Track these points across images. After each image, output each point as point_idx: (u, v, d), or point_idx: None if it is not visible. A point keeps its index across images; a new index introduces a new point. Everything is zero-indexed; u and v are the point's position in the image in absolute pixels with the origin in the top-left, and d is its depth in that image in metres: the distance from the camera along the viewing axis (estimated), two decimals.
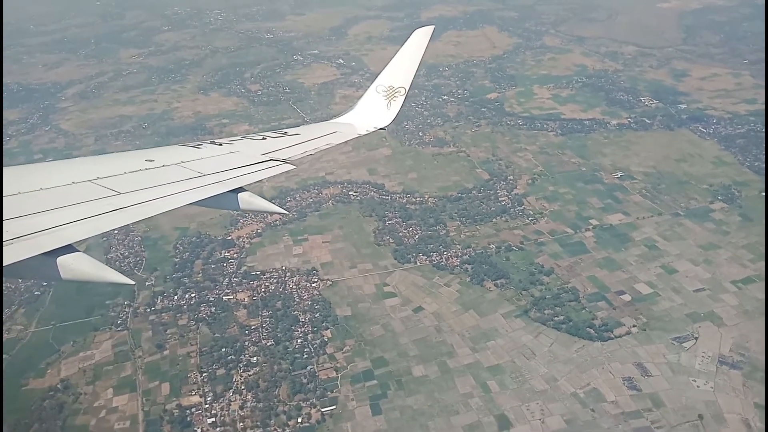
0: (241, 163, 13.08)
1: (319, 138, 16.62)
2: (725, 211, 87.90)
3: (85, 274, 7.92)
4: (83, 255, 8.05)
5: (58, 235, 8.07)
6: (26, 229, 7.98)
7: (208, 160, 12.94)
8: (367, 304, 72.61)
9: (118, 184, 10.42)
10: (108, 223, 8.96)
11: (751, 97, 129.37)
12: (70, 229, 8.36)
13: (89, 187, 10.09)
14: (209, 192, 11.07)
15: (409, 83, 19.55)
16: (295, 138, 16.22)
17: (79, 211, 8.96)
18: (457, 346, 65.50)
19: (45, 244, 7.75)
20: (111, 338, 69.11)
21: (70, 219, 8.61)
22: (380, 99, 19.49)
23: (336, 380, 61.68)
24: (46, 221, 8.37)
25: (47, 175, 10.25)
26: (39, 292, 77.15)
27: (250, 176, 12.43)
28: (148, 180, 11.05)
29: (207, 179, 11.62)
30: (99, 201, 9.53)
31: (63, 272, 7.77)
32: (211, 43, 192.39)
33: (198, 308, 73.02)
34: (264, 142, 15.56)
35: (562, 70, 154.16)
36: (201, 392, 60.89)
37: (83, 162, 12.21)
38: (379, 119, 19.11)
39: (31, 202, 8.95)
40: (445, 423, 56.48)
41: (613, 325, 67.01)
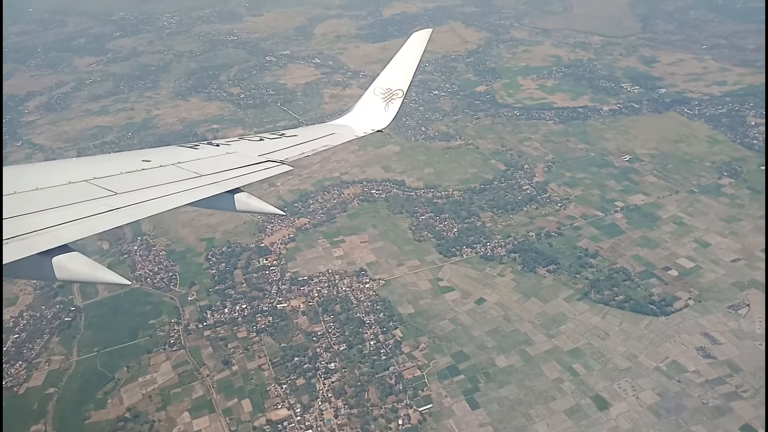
0: (238, 164, 12.86)
1: (316, 140, 16.49)
2: (734, 185, 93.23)
3: (81, 274, 7.85)
4: (79, 255, 7.97)
5: (54, 235, 8.03)
6: (22, 229, 7.92)
7: (205, 161, 12.79)
8: (428, 300, 71.79)
9: (114, 184, 10.28)
10: (104, 223, 8.83)
11: (720, 80, 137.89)
12: (66, 228, 8.30)
13: (85, 187, 9.96)
14: (206, 192, 10.92)
15: (407, 86, 19.69)
16: (293, 139, 16.03)
17: (75, 211, 8.87)
18: (531, 334, 65.96)
19: (41, 243, 7.73)
20: (168, 359, 64.77)
21: (66, 219, 8.54)
22: (378, 101, 19.49)
23: (422, 378, 60.61)
24: (42, 221, 8.32)
25: (43, 175, 10.14)
26: (69, 318, 71.40)
27: (247, 177, 12.20)
28: (145, 180, 10.89)
29: (204, 180, 11.50)
30: (95, 201, 9.43)
31: (58, 272, 7.69)
32: (172, 48, 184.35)
33: (254, 319, 69.70)
34: (261, 143, 15.38)
35: (539, 61, 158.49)
36: (287, 404, 58.19)
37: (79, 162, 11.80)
38: (376, 121, 19.12)
39: (27, 202, 8.85)
40: (545, 410, 56.73)
41: (670, 300, 69.54)
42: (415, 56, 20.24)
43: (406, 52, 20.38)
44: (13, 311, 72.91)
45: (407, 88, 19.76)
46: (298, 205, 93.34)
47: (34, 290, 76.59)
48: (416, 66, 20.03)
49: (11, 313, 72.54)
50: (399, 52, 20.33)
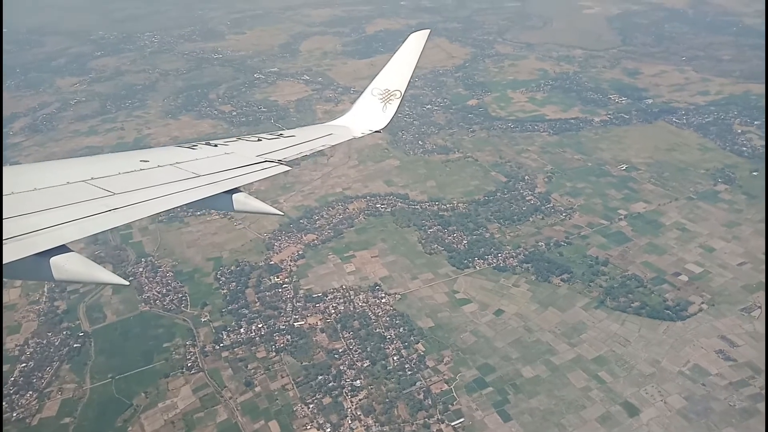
0: (236, 164, 12.95)
1: (314, 140, 16.56)
2: (729, 191, 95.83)
3: (79, 275, 7.84)
4: (77, 255, 7.98)
5: (52, 236, 8.04)
6: (20, 230, 7.92)
7: (203, 161, 12.83)
8: (446, 313, 71.51)
9: (112, 184, 10.28)
10: (102, 223, 8.83)
11: (703, 90, 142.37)
12: (64, 229, 8.31)
13: (83, 188, 9.96)
14: (204, 193, 10.94)
15: (405, 87, 19.81)
16: (291, 139, 16.07)
17: (73, 212, 8.87)
18: (554, 343, 66.17)
19: (39, 244, 7.73)
20: (187, 383, 62.95)
21: (64, 219, 8.55)
22: (376, 102, 19.58)
23: (451, 392, 60.12)
24: (40, 221, 8.31)
25: (41, 175, 10.16)
26: (78, 344, 68.97)
27: (245, 177, 12.31)
28: (143, 180, 10.87)
29: (202, 180, 11.52)
30: (93, 201, 9.43)
31: (56, 272, 7.70)
32: (157, 66, 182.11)
33: (272, 338, 68.38)
34: (259, 143, 15.41)
35: (525, 74, 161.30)
36: (316, 425, 57.01)
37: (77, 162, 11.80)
38: (374, 122, 19.18)
39: (25, 202, 8.85)
40: (577, 419, 56.74)
41: (684, 305, 70.68)
42: (413, 57, 20.18)
43: (403, 53, 20.30)
44: (17, 339, 70.13)
45: (405, 88, 19.73)
46: (304, 222, 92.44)
47: (37, 317, 73.89)
48: (414, 67, 19.98)
49: (16, 341, 69.74)
50: (397, 53, 20.29)
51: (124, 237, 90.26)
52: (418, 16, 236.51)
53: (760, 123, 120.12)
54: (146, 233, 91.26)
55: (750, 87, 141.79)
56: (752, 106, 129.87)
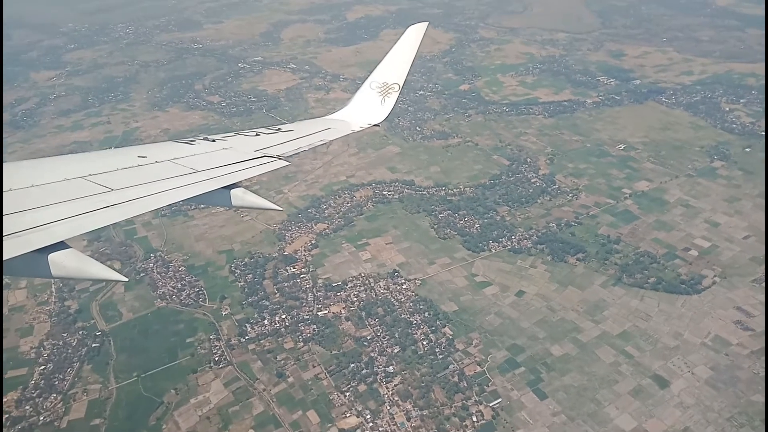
0: (234, 160, 12.93)
1: (313, 134, 16.72)
2: (726, 167, 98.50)
3: (77, 271, 7.87)
4: (74, 251, 8.02)
5: (50, 232, 8.05)
6: (18, 226, 7.95)
7: (201, 157, 12.87)
8: (468, 297, 71.95)
9: (110, 180, 10.32)
10: (100, 220, 8.88)
11: (687, 70, 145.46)
12: (62, 225, 8.33)
13: (81, 184, 10.01)
14: (202, 188, 10.98)
15: (403, 80, 19.72)
16: (289, 134, 16.28)
17: (71, 208, 8.90)
18: (578, 321, 67.27)
19: (37, 241, 7.76)
20: (217, 377, 62.02)
21: (62, 216, 8.58)
22: (374, 95, 19.56)
23: (484, 374, 60.67)
24: (37, 218, 8.34)
25: (39, 172, 10.27)
26: (97, 343, 67.21)
27: (244, 172, 12.33)
28: (141, 176, 10.88)
29: (200, 175, 11.55)
30: (91, 198, 9.45)
31: (54, 269, 7.73)
32: (135, 58, 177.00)
33: (297, 328, 67.78)
34: (257, 138, 15.50)
35: (513, 59, 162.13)
36: (355, 412, 56.87)
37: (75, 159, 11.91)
38: (373, 115, 19.18)
39: (23, 199, 8.90)
40: (611, 393, 57.94)
41: (698, 278, 72.61)
42: (411, 50, 20.02)
43: (401, 45, 20.12)
44: (32, 341, 67.91)
45: (403, 81, 19.58)
46: (312, 211, 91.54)
47: (49, 317, 71.61)
48: (412, 60, 19.80)
49: (30, 344, 67.53)
50: (395, 46, 20.07)
51: (128, 233, 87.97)
52: (397, 2, 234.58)
53: (746, 101, 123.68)
54: (150, 228, 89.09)
55: (731, 66, 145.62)
56: (736, 84, 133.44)
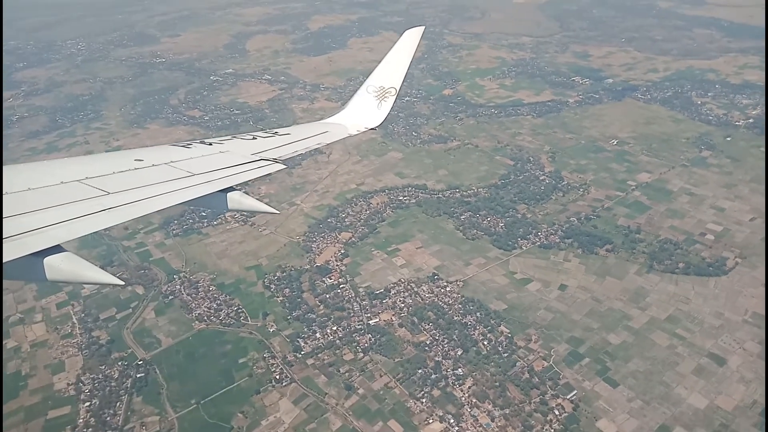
0: (231, 163, 12.90)
1: (310, 138, 16.60)
2: (715, 156, 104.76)
3: (74, 275, 7.86)
4: (71, 255, 7.99)
5: (47, 236, 8.02)
6: (15, 230, 7.89)
7: (197, 160, 12.81)
8: (514, 294, 72.76)
9: (106, 184, 10.27)
10: (97, 223, 8.83)
11: (651, 68, 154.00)
12: (59, 229, 8.29)
13: (78, 187, 9.93)
14: (199, 192, 10.98)
15: (400, 83, 19.70)
16: (286, 138, 16.09)
17: (67, 212, 8.85)
18: (626, 310, 69.39)
19: (33, 244, 7.71)
20: (283, 396, 59.66)
21: (59, 219, 8.54)
22: (371, 99, 19.48)
23: (552, 368, 61.43)
24: (34, 221, 8.30)
25: (35, 175, 10.12)
26: (142, 373, 63.12)
27: (241, 176, 12.27)
28: (137, 180, 10.89)
29: (197, 179, 11.51)
30: (88, 201, 9.41)
31: (50, 273, 7.72)
32: (96, 75, 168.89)
33: (353, 339, 66.30)
34: (254, 141, 15.43)
35: (486, 63, 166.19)
36: (437, 417, 56.13)
37: (72, 162, 11.83)
38: (369, 119, 19.10)
39: (20, 202, 8.82)
40: (675, 375, 60.01)
41: (721, 261, 76.62)
42: (408, 54, 20.05)
43: (398, 50, 20.13)
44: (67, 377, 62.94)
45: (400, 85, 19.67)
46: (332, 221, 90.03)
47: (79, 350, 66.68)
48: (409, 64, 19.90)
49: (66, 380, 62.57)
50: (391, 50, 20.16)
51: (141, 255, 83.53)
52: (355, 11, 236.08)
53: (713, 94, 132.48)
54: (165, 248, 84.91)
55: (690, 63, 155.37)
56: (700, 79, 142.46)
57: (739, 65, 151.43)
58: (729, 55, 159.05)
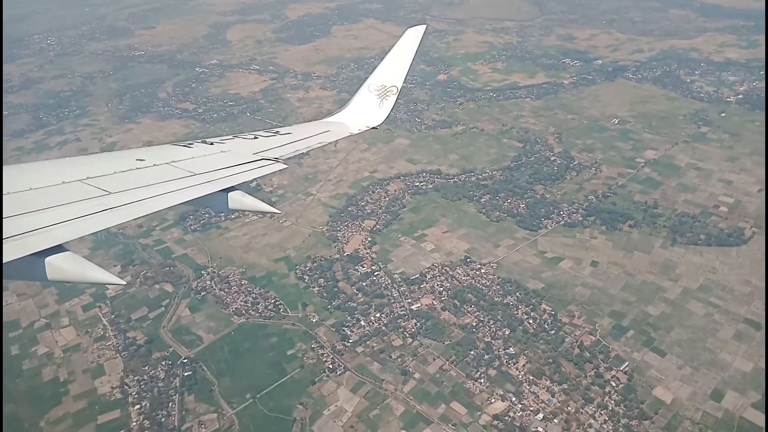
0: (232, 163, 13.01)
1: (311, 137, 16.74)
2: (713, 132, 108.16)
3: (75, 274, 7.84)
4: (72, 254, 7.99)
5: (49, 235, 8.03)
6: (16, 229, 7.90)
7: (199, 160, 12.89)
8: (548, 273, 73.81)
9: (108, 183, 10.31)
10: (98, 223, 8.83)
11: (636, 48, 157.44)
12: (61, 229, 8.31)
13: (79, 187, 9.97)
14: (200, 191, 11.06)
15: (401, 82, 19.80)
16: (287, 137, 16.20)
17: (69, 211, 8.86)
18: (658, 282, 71.30)
19: (34, 244, 7.71)
20: (340, 385, 59.29)
21: (60, 219, 8.55)
22: (372, 98, 19.59)
23: (600, 342, 62.75)
24: (35, 221, 8.31)
25: (37, 175, 10.15)
26: (189, 371, 61.63)
27: (242, 175, 12.36)
28: (139, 180, 10.94)
29: (198, 179, 11.61)
30: (89, 201, 9.43)
31: (51, 272, 7.72)
32: (74, 70, 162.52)
33: (398, 325, 66.28)
34: (256, 141, 15.48)
35: (474, 47, 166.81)
36: (498, 396, 56.71)
37: (73, 162, 11.77)
38: (371, 118, 19.25)
39: (21, 202, 8.83)
40: (717, 341, 62.10)
41: (739, 231, 79.42)
42: (409, 53, 20.13)
43: (399, 48, 20.18)
44: (110, 381, 60.98)
45: (401, 84, 19.71)
46: (353, 209, 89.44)
47: (117, 353, 64.62)
48: (410, 62, 19.89)
49: (109, 384, 60.63)
50: (393, 49, 20.17)
51: (162, 252, 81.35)
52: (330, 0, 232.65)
53: (700, 72, 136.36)
54: (186, 245, 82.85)
55: (672, 43, 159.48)
56: (684, 58, 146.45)
57: (717, 44, 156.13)
58: (707, 35, 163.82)
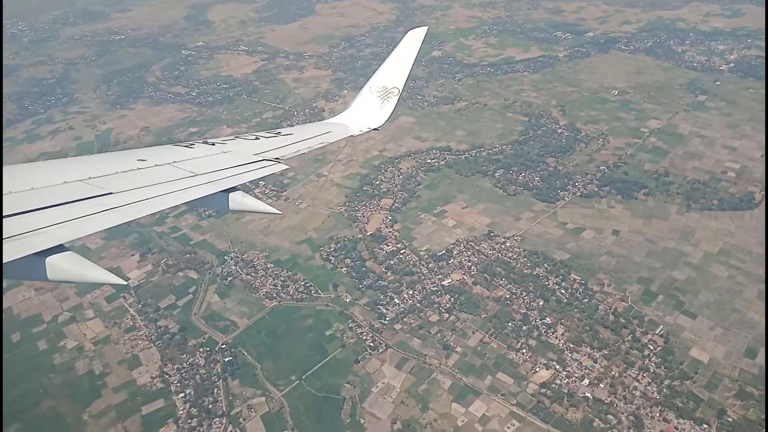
0: (233, 163, 13.11)
1: (312, 138, 16.86)
2: (710, 100, 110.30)
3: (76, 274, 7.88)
4: (73, 254, 8.02)
5: (50, 235, 8.05)
6: (18, 229, 7.90)
7: (200, 160, 12.97)
8: (572, 244, 74.92)
9: (109, 183, 10.34)
10: (99, 223, 8.86)
11: (624, 20, 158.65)
12: (62, 228, 8.32)
13: (81, 187, 9.99)
14: (201, 192, 11.16)
15: (403, 83, 20.01)
16: (288, 138, 16.31)
17: (71, 211, 8.89)
18: (680, 247, 73.08)
19: (36, 244, 7.73)
20: (383, 362, 59.69)
21: (62, 219, 8.56)
22: (374, 99, 19.75)
23: (632, 308, 64.18)
24: (37, 221, 8.32)
25: (39, 175, 10.18)
26: (229, 356, 61.16)
27: (243, 176, 12.48)
28: (140, 180, 11.00)
29: (199, 179, 11.69)
30: (90, 201, 9.46)
31: (52, 272, 7.74)
32: (53, 56, 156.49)
33: (432, 301, 66.67)
34: (257, 141, 15.61)
35: (464, 23, 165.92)
36: (542, 365, 57.80)
37: (75, 162, 11.88)
38: (372, 119, 19.36)
39: (23, 202, 8.84)
40: (743, 301, 64.08)
41: (749, 195, 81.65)
42: (411, 55, 20.44)
43: (401, 50, 20.48)
44: (148, 371, 60.14)
45: (403, 85, 19.90)
46: (368, 188, 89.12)
47: (151, 343, 63.60)
48: (412, 64, 20.16)
49: (149, 374, 59.79)
50: (394, 51, 20.41)
51: (180, 239, 79.98)
52: None
53: (690, 42, 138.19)
54: (203, 231, 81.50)
55: (659, 14, 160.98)
56: (672, 28, 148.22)
57: (703, 14, 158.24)
58: (692, 5, 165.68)
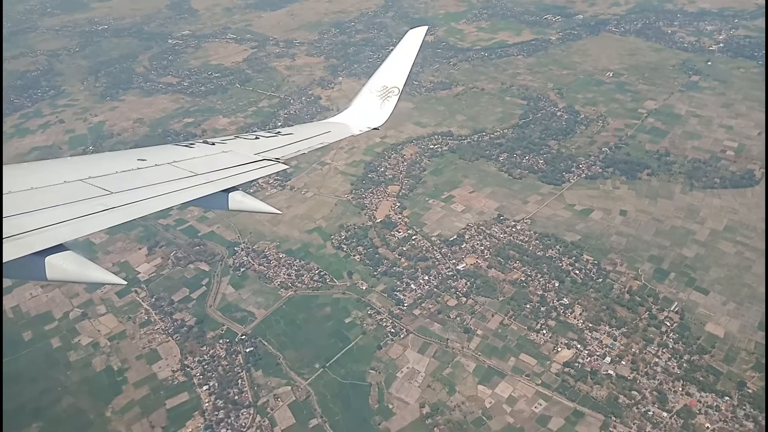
0: (233, 163, 13.12)
1: (312, 137, 16.84)
2: (704, 80, 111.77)
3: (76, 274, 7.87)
4: (73, 254, 8.03)
5: (49, 235, 8.05)
6: (18, 229, 7.90)
7: (200, 160, 12.98)
8: (582, 225, 75.69)
9: (109, 183, 10.35)
10: (99, 222, 8.88)
11: (613, 2, 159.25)
12: (62, 228, 8.33)
13: (80, 187, 9.99)
14: (201, 192, 11.19)
15: (403, 83, 19.84)
16: (288, 137, 16.30)
17: (70, 211, 8.89)
18: (687, 226, 74.32)
19: (35, 243, 7.73)
20: (405, 347, 59.98)
21: (61, 218, 8.56)
22: (374, 99, 19.64)
23: (646, 286, 65.25)
24: (36, 221, 8.31)
25: (38, 175, 10.17)
26: (250, 347, 60.81)
27: (243, 176, 12.49)
28: (140, 179, 11.01)
29: (199, 179, 11.70)
30: (90, 200, 9.46)
31: (52, 272, 7.74)
32: (34, 48, 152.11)
33: (449, 285, 66.99)
34: (257, 141, 15.60)
35: (453, 7, 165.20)
36: (563, 345, 58.59)
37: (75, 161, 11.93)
38: (372, 119, 19.25)
39: (22, 202, 8.85)
40: (752, 276, 65.48)
41: (749, 172, 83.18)
42: (411, 54, 20.43)
43: (401, 49, 20.48)
44: (168, 365, 59.60)
45: (403, 85, 19.79)
46: (373, 176, 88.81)
47: (169, 336, 62.89)
48: (412, 63, 20.12)
49: (169, 368, 59.28)
50: (394, 50, 20.43)
51: (187, 232, 78.92)
52: None
53: (679, 23, 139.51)
54: (209, 222, 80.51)
55: None
56: (660, 9, 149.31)
57: None
58: None
